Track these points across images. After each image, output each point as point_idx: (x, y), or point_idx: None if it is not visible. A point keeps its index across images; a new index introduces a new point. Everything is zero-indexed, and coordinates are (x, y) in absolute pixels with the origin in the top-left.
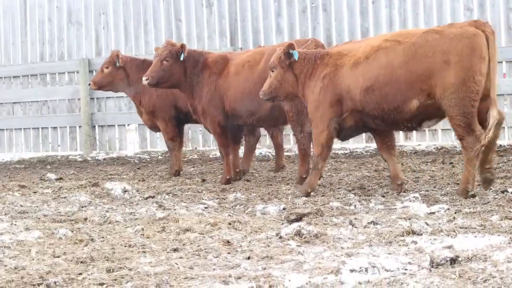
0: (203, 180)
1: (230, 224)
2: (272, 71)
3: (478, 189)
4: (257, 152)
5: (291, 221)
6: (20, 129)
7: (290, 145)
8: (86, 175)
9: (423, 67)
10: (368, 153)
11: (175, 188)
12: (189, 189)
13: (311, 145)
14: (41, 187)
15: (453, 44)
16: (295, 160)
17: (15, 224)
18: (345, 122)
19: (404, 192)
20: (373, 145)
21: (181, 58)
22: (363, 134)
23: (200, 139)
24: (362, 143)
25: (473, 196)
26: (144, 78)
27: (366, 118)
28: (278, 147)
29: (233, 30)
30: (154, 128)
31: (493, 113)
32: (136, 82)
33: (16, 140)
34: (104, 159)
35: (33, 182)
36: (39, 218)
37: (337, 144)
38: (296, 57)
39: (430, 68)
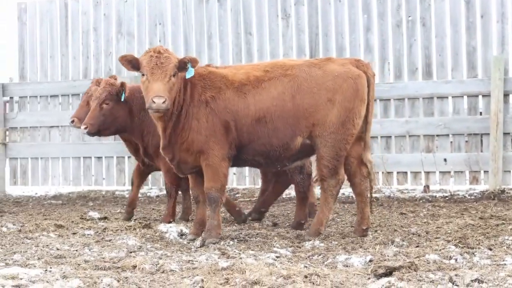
0: (275, 224)
1: (306, 277)
2: None
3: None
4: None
5: (379, 276)
6: (58, 158)
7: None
8: (136, 214)
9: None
10: (472, 197)
11: (241, 233)
12: (257, 234)
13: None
14: (82, 227)
15: (337, 83)
16: (383, 203)
17: (50, 271)
18: None
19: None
20: (478, 188)
21: (122, 99)
22: (467, 175)
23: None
24: (465, 184)
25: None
26: (82, 127)
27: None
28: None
29: (314, 47)
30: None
31: (368, 157)
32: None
33: (53, 171)
34: (157, 196)
35: (72, 222)
36: (79, 264)
37: (434, 186)
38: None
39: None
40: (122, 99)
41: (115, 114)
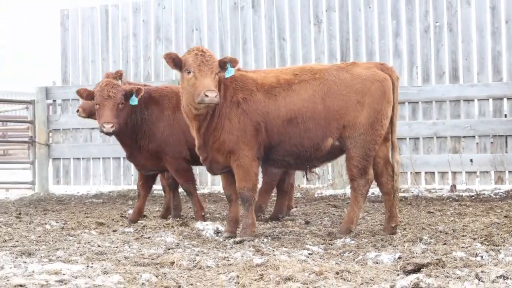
0: (307, 222)
1: (337, 273)
2: None
3: None
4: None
5: (408, 272)
6: (99, 158)
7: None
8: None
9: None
10: (498, 196)
11: (275, 231)
12: (290, 232)
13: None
14: (122, 225)
15: (366, 86)
16: (412, 202)
17: (92, 267)
18: None
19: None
20: (503, 187)
21: (135, 102)
22: (492, 175)
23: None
24: (490, 184)
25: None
26: (108, 125)
27: None
28: (290, 187)
29: (345, 51)
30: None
31: (397, 157)
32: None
33: (94, 171)
34: None
35: (113, 219)
36: (119, 261)
37: (461, 186)
38: None
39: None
40: (135, 102)
41: (125, 115)
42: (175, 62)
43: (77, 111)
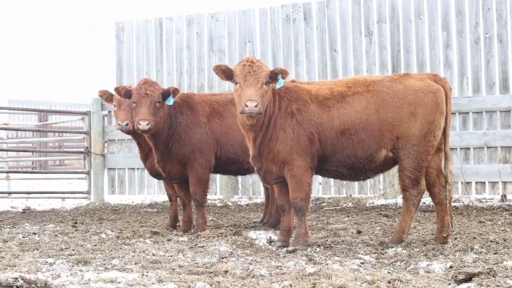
0: (359, 232)
1: (389, 282)
2: None
3: None
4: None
5: (459, 282)
6: None
7: (458, 194)
8: (227, 222)
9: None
10: None
11: (327, 240)
12: (343, 241)
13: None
14: (176, 234)
15: (419, 97)
16: (463, 212)
17: (147, 275)
18: None
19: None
20: None
21: (171, 102)
22: None
23: (355, 185)
24: None
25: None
26: (144, 123)
27: None
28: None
29: (395, 62)
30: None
31: (450, 167)
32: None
33: (148, 181)
34: (247, 204)
35: (167, 229)
36: (174, 269)
37: (511, 195)
38: None
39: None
40: (171, 103)
41: (161, 115)
42: (226, 73)
43: (126, 124)
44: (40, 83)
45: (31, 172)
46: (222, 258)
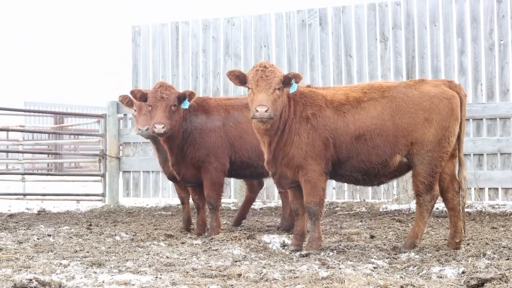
0: (372, 237)
1: (402, 287)
2: None
3: None
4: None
5: (471, 287)
6: None
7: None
8: (241, 225)
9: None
10: None
11: (340, 245)
12: (356, 246)
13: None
14: (190, 237)
15: (434, 103)
16: (475, 218)
17: (160, 278)
18: None
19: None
20: None
21: (187, 106)
22: None
23: (369, 190)
24: None
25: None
26: (160, 126)
27: None
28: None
29: (410, 68)
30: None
31: (464, 173)
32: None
33: (163, 184)
34: (261, 208)
35: (181, 232)
36: (187, 272)
37: None
38: None
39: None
40: (187, 106)
41: (177, 118)
42: (240, 78)
43: (146, 129)
44: (56, 86)
45: (47, 174)
46: (236, 261)
